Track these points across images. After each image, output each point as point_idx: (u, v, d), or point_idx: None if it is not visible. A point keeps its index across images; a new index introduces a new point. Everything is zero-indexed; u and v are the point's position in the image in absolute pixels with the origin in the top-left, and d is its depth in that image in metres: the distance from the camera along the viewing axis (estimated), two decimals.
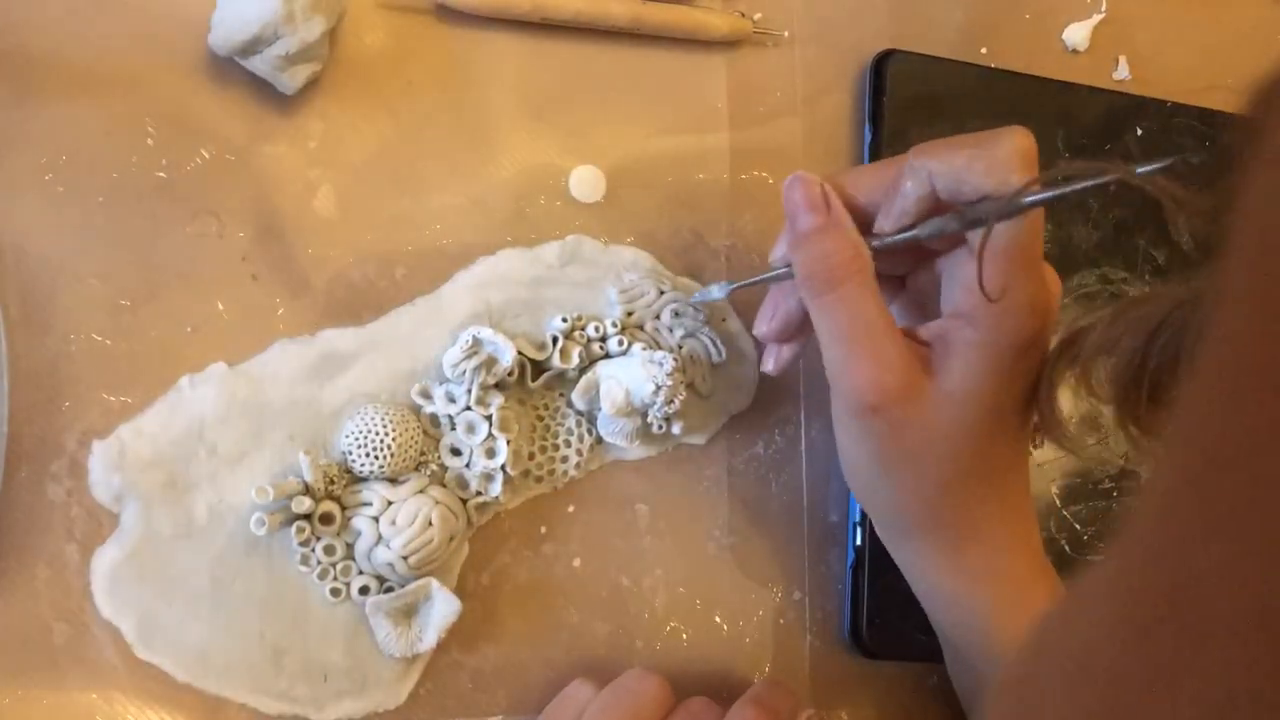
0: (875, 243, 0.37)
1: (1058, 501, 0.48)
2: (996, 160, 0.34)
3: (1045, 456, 0.49)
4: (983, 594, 0.39)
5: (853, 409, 0.37)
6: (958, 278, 0.37)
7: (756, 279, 0.41)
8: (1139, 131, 0.52)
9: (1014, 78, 0.50)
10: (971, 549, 0.39)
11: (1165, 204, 0.31)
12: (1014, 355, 0.36)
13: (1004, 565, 0.39)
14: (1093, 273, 0.50)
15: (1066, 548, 0.48)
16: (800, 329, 0.40)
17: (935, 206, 0.36)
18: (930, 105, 0.48)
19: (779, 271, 0.39)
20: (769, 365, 0.41)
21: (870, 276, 0.36)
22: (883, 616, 0.45)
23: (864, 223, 0.38)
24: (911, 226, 0.37)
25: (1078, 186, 0.33)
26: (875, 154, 0.48)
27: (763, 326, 0.41)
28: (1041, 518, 0.48)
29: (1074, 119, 0.50)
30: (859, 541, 0.45)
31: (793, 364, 0.41)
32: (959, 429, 0.36)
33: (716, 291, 0.42)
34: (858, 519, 0.46)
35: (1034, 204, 0.34)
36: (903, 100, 0.48)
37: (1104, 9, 0.53)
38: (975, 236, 0.35)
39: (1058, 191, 0.33)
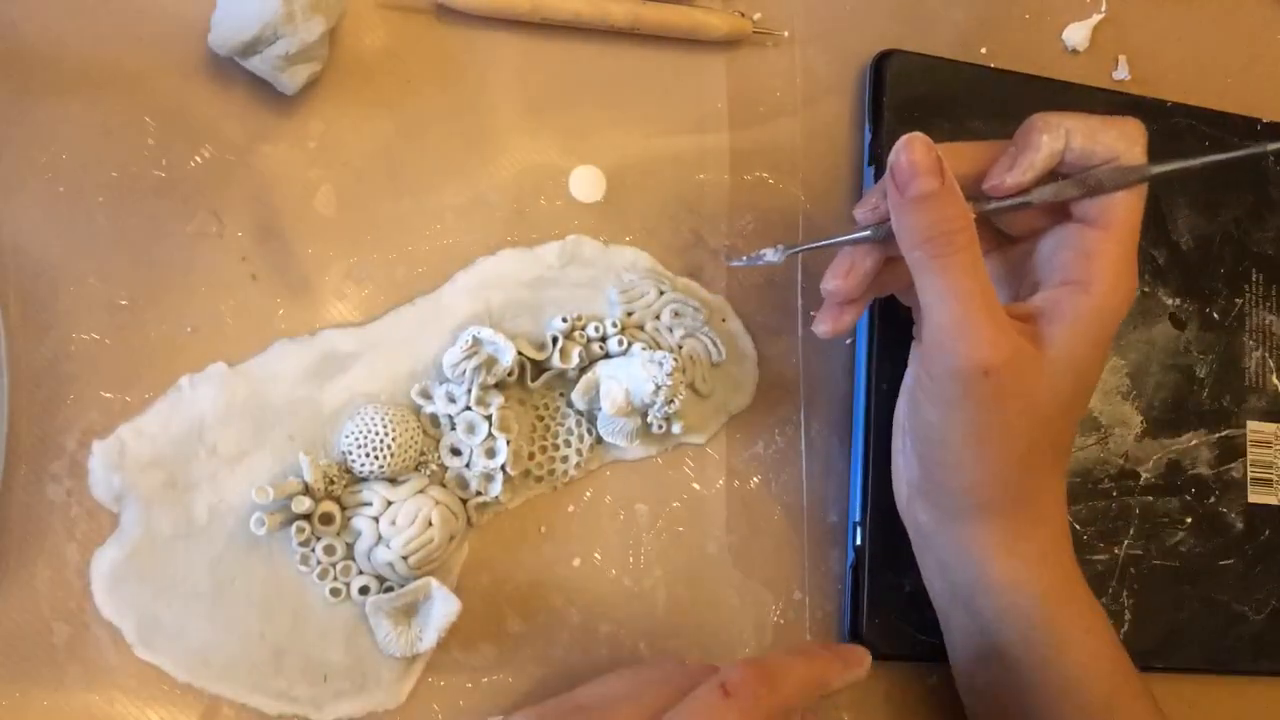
0: (985, 206, 0.39)
1: None
2: (1127, 130, 0.37)
3: None
4: (1037, 581, 0.39)
5: (961, 371, 0.37)
6: (1070, 245, 0.38)
7: (825, 242, 0.41)
8: None
9: (1014, 78, 0.50)
10: (1034, 533, 0.39)
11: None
12: (1115, 325, 0.38)
13: (1053, 551, 0.40)
14: None
15: None
16: (868, 290, 0.41)
17: (1054, 171, 0.38)
18: (930, 105, 0.48)
19: (857, 235, 0.40)
20: (825, 326, 0.41)
21: (978, 249, 0.37)
22: (883, 616, 0.45)
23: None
24: (1027, 191, 0.38)
25: (1205, 160, 0.37)
26: (875, 154, 0.48)
27: (835, 281, 0.40)
28: None
29: None
30: (859, 541, 0.45)
31: (850, 329, 0.41)
32: (1053, 398, 0.37)
33: (772, 255, 0.42)
34: (858, 519, 0.46)
35: (1160, 174, 0.37)
36: (903, 100, 0.48)
37: (1104, 9, 0.53)
38: (1086, 206, 0.38)
39: (1185, 163, 0.37)
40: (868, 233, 0.40)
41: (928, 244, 0.36)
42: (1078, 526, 0.48)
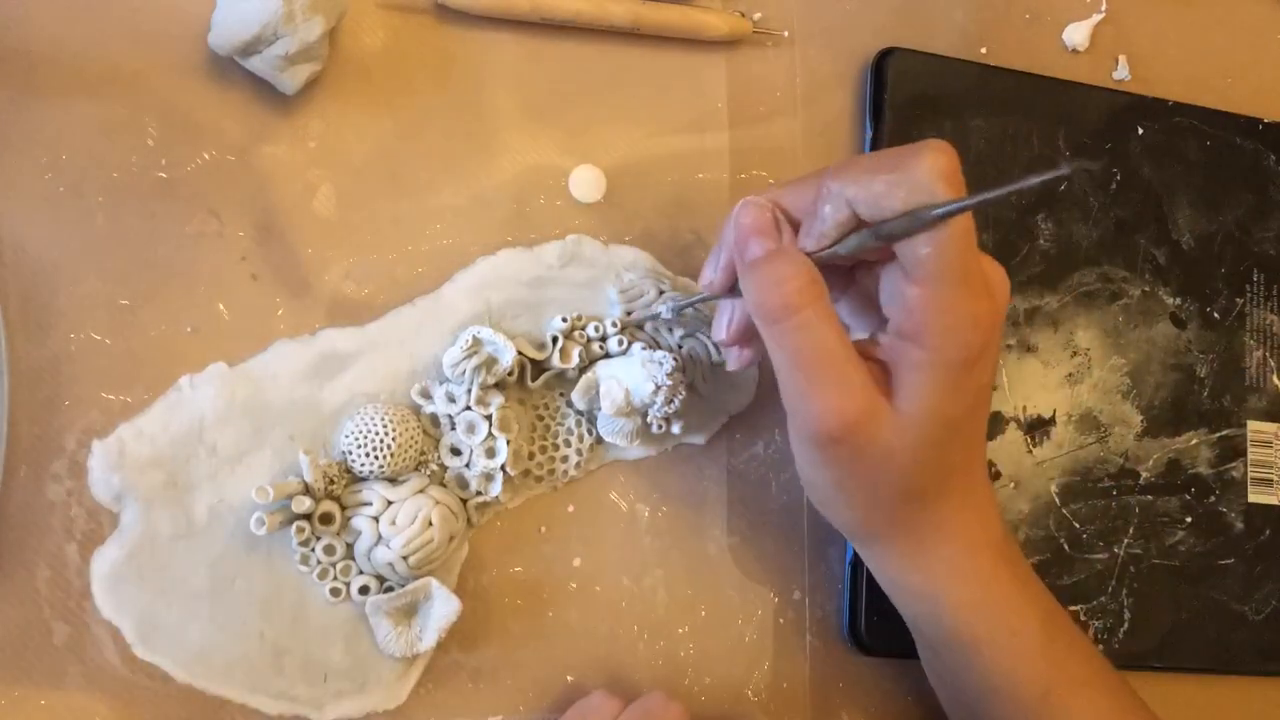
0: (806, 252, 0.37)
1: (1056, 500, 0.48)
2: (916, 183, 0.33)
3: (1045, 455, 0.49)
4: (945, 590, 0.39)
5: (813, 437, 0.36)
6: (895, 297, 0.36)
7: (696, 299, 0.42)
8: (1140, 130, 0.51)
9: (1015, 76, 0.50)
10: (931, 550, 0.39)
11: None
12: (962, 370, 0.35)
13: (963, 562, 0.39)
14: (1093, 271, 0.50)
15: (1065, 546, 0.48)
16: (757, 333, 0.40)
17: (857, 225, 0.35)
18: (931, 103, 0.48)
19: (712, 296, 0.39)
20: (731, 365, 0.41)
21: (826, 302, 0.35)
22: (881, 614, 0.45)
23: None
24: (830, 245, 0.36)
25: (978, 200, 0.32)
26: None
27: (720, 333, 0.40)
28: (1040, 516, 0.48)
29: (1075, 118, 0.50)
30: None
31: (755, 362, 0.41)
32: (915, 445, 0.36)
33: (664, 311, 0.43)
34: None
35: (940, 216, 0.33)
36: (904, 98, 0.48)
37: (1104, 9, 0.53)
38: (903, 251, 0.34)
39: (961, 204, 0.32)
40: (727, 293, 0.39)
41: (762, 307, 0.36)
42: (1076, 525, 0.48)
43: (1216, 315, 0.51)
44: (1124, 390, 0.50)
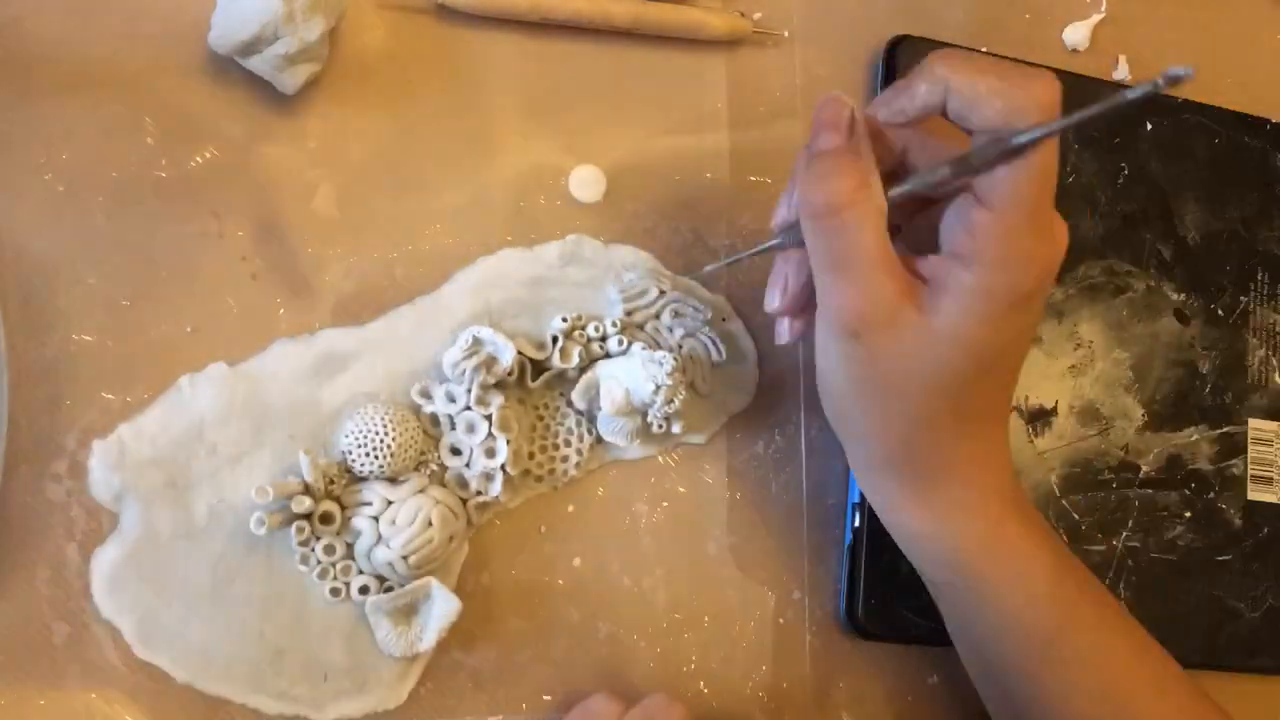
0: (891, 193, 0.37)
1: (1056, 490, 0.48)
2: (1019, 103, 0.33)
3: (1046, 446, 0.49)
4: (953, 531, 0.39)
5: (835, 331, 0.36)
6: (959, 221, 0.36)
7: (759, 249, 0.41)
8: (1149, 126, 0.52)
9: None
10: (941, 487, 0.39)
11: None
12: (1008, 305, 0.35)
13: (973, 501, 0.39)
14: (1098, 264, 0.50)
15: (1064, 537, 0.48)
16: (811, 301, 0.40)
17: (935, 118, 0.36)
18: None
19: (773, 246, 0.39)
20: (782, 337, 0.41)
21: (872, 207, 0.35)
22: (879, 597, 0.45)
23: (896, 168, 0.38)
24: (904, 172, 0.36)
25: (1067, 122, 0.32)
26: None
27: (774, 301, 0.40)
28: (1040, 506, 0.48)
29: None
30: (857, 523, 0.45)
31: (806, 333, 0.41)
32: (940, 368, 0.36)
33: (714, 268, 0.43)
34: (856, 499, 0.46)
35: (1022, 145, 0.33)
36: None
37: (1104, 9, 0.53)
38: (978, 180, 0.34)
39: (1049, 129, 0.32)
40: (780, 239, 0.39)
41: (806, 202, 0.36)
42: (1076, 516, 0.48)
43: (1220, 312, 0.52)
44: (1126, 384, 0.50)
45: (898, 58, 0.48)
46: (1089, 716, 0.40)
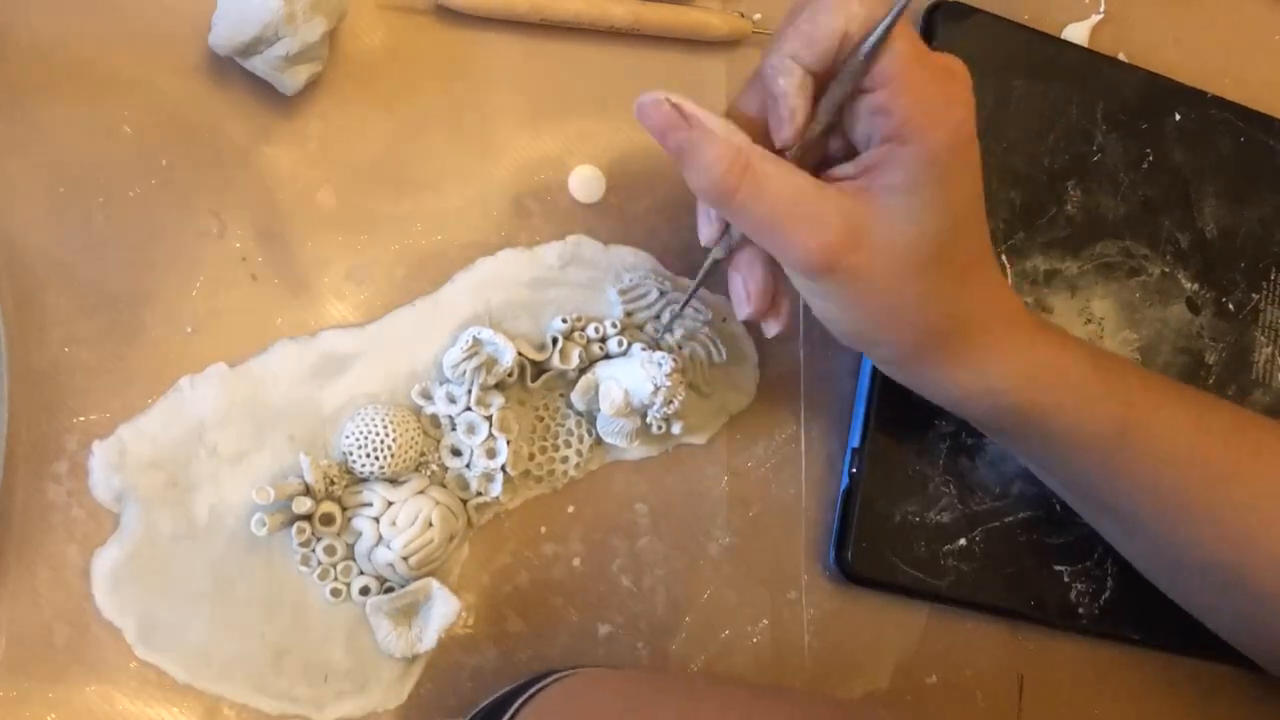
0: (792, 152, 0.37)
1: None
2: (843, 6, 0.35)
3: None
4: (996, 376, 0.40)
5: (806, 278, 0.37)
6: (867, 112, 0.36)
7: (700, 277, 0.42)
8: (1177, 116, 0.52)
9: (1060, 44, 0.51)
10: (971, 343, 0.39)
11: None
12: (949, 153, 0.36)
13: (999, 342, 0.40)
14: (1115, 244, 0.50)
15: (1058, 507, 0.47)
16: (777, 289, 0.40)
17: (813, 88, 0.36)
18: (976, 61, 0.47)
19: (714, 257, 0.40)
20: (770, 331, 0.41)
21: (763, 162, 0.36)
22: (870, 542, 0.45)
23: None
24: (813, 123, 0.37)
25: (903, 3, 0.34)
26: None
27: (744, 310, 0.40)
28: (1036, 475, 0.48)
29: (1115, 94, 0.51)
30: (854, 468, 0.46)
31: (790, 323, 0.41)
32: (919, 241, 0.36)
33: (670, 314, 0.43)
34: (856, 444, 0.46)
35: (880, 39, 0.34)
36: (948, 51, 0.48)
37: (1103, 9, 0.53)
38: (868, 82, 0.36)
39: (889, 18, 0.34)
40: (718, 251, 0.40)
41: (708, 193, 0.36)
42: None
43: (1231, 307, 0.52)
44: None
45: (935, 23, 0.48)
46: (1179, 489, 0.41)
